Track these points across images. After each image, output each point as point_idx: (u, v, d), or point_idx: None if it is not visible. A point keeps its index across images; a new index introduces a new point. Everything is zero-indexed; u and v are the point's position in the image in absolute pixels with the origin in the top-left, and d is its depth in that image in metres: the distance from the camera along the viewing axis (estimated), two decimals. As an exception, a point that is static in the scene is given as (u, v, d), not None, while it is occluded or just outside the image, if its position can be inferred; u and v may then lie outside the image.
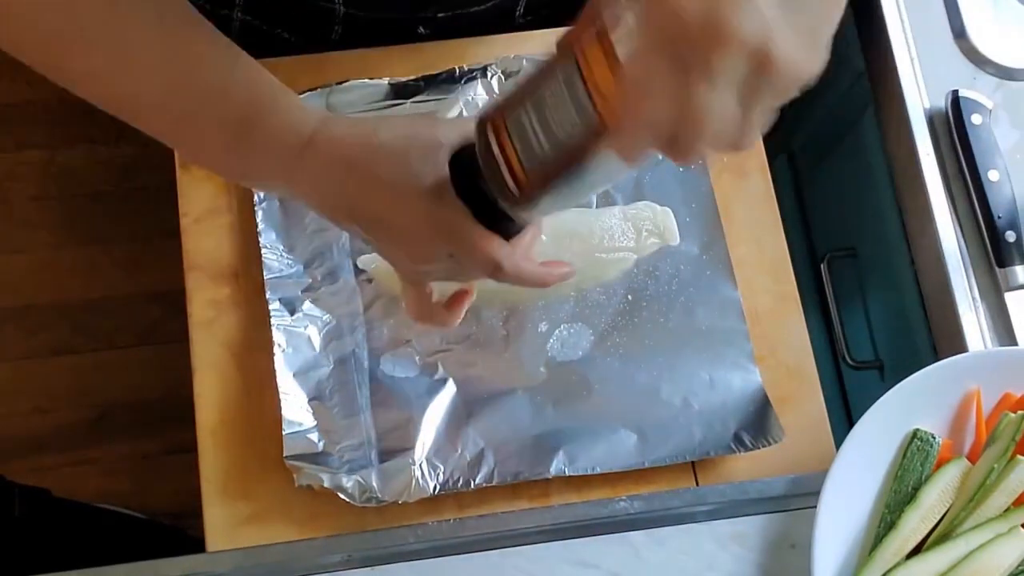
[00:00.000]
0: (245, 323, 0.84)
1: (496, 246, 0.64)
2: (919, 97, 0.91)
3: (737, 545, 0.78)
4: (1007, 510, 0.74)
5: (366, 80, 0.89)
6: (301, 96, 0.87)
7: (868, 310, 1.08)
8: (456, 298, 0.72)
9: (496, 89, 0.90)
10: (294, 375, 0.81)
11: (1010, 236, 0.86)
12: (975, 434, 0.78)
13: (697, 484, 0.81)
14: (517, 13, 0.95)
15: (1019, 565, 0.74)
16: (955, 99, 0.89)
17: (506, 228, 0.63)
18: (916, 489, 0.75)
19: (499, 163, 0.57)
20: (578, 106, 0.52)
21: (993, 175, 0.87)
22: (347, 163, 0.64)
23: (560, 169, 0.55)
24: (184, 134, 0.66)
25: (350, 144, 0.64)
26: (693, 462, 0.82)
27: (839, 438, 0.77)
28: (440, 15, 0.91)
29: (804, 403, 0.84)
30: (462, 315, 0.73)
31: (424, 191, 0.64)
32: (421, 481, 0.78)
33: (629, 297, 0.85)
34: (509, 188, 0.57)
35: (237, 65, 0.65)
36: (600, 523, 0.78)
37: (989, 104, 0.90)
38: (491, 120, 0.57)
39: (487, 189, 0.59)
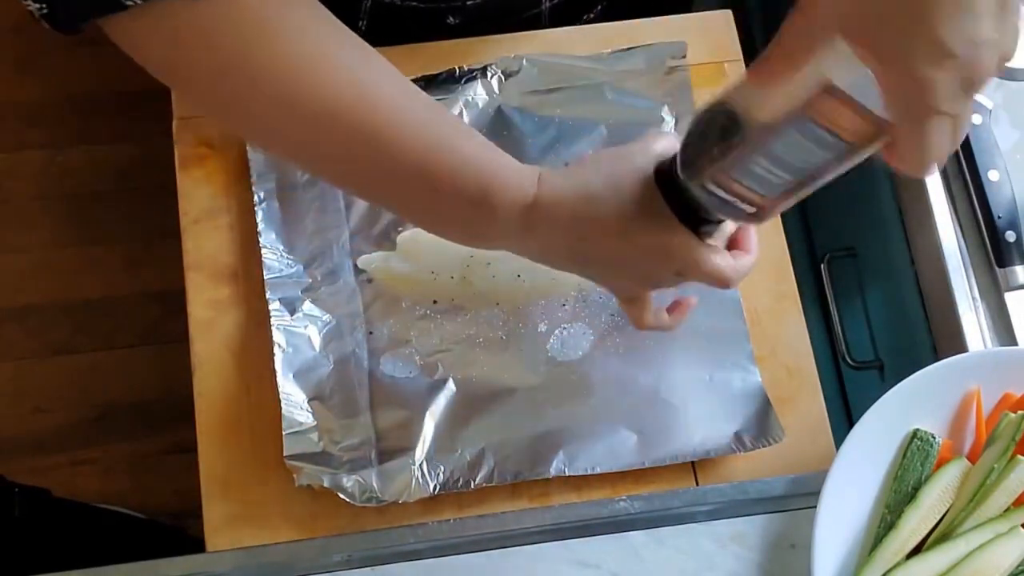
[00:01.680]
0: (245, 323, 0.84)
1: (719, 261, 0.70)
2: (919, 97, 0.91)
3: (737, 545, 0.78)
4: (1007, 510, 0.74)
5: (366, 80, 0.89)
6: None
7: (868, 310, 1.08)
8: (679, 305, 0.78)
9: (496, 89, 0.90)
10: (294, 375, 0.81)
11: (1010, 236, 0.86)
12: (975, 434, 0.78)
13: (697, 484, 0.81)
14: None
15: (1019, 565, 0.73)
16: (955, 99, 0.89)
17: (717, 226, 0.70)
18: (916, 489, 0.75)
19: (734, 202, 0.64)
20: (824, 145, 0.57)
21: (993, 175, 0.87)
22: (570, 216, 0.68)
23: (801, 188, 0.62)
24: (429, 209, 0.69)
25: (570, 198, 0.68)
26: (693, 462, 0.82)
27: (839, 438, 0.77)
28: (469, 2, 0.91)
29: (804, 403, 0.84)
30: (686, 318, 0.79)
31: (644, 218, 0.68)
32: (421, 481, 0.78)
33: (629, 297, 0.85)
34: (747, 213, 0.65)
35: (466, 137, 0.67)
36: (600, 523, 0.78)
37: (989, 104, 0.90)
38: (711, 176, 0.63)
39: (703, 209, 0.66)
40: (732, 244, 0.73)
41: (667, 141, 0.70)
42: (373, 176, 0.67)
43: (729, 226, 0.72)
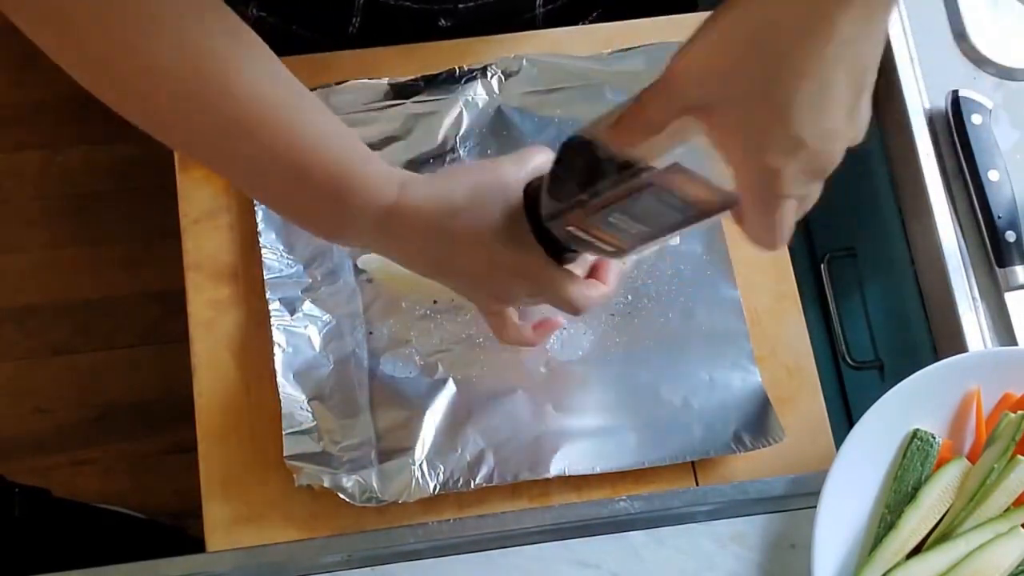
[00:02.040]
0: (245, 323, 0.84)
1: (572, 291, 0.70)
2: (919, 97, 0.91)
3: (737, 545, 0.78)
4: (1007, 510, 0.74)
5: (366, 80, 0.89)
6: None
7: (868, 310, 1.08)
8: (544, 323, 0.78)
9: (496, 89, 0.90)
10: (294, 375, 0.81)
11: (1010, 236, 0.86)
12: (975, 434, 0.78)
13: (697, 484, 0.81)
14: (537, 2, 0.95)
15: (1019, 565, 0.74)
16: (955, 99, 0.89)
17: (577, 254, 0.70)
18: (916, 489, 0.75)
19: (593, 242, 0.65)
20: (677, 209, 0.59)
21: (993, 175, 0.87)
22: (429, 226, 0.67)
23: (660, 238, 0.64)
24: (285, 198, 0.68)
25: (430, 209, 0.67)
26: (693, 462, 0.82)
27: (839, 438, 0.77)
28: (461, 5, 0.91)
29: (804, 403, 0.84)
30: (550, 336, 0.80)
31: (504, 237, 0.67)
32: (421, 481, 0.78)
33: (629, 297, 0.85)
34: (607, 252, 0.67)
35: (337, 136, 0.66)
36: (600, 523, 0.78)
37: (989, 104, 0.90)
38: (569, 221, 0.64)
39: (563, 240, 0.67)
40: (592, 272, 0.73)
41: (544, 157, 0.69)
42: (234, 155, 0.65)
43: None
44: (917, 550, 0.74)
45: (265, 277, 0.84)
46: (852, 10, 0.50)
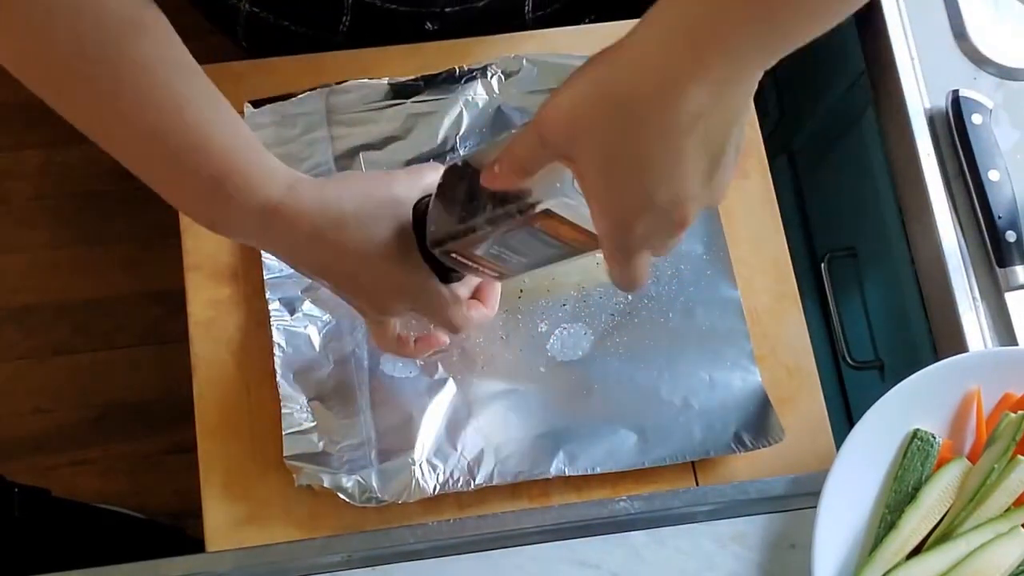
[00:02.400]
0: (245, 323, 0.84)
1: (452, 313, 0.72)
2: (919, 97, 0.91)
3: (737, 545, 0.78)
4: (1007, 510, 0.74)
5: (366, 80, 0.89)
6: (300, 97, 0.88)
7: (868, 310, 1.08)
8: (426, 339, 0.78)
9: (496, 89, 0.90)
10: (294, 375, 0.81)
11: (1010, 236, 0.86)
12: (975, 434, 0.78)
13: (697, 484, 0.81)
14: (526, 9, 0.95)
15: (1019, 565, 0.74)
16: (955, 99, 0.89)
17: (463, 275, 0.72)
18: (916, 489, 0.75)
19: (475, 267, 0.68)
20: (551, 246, 0.63)
21: (993, 175, 0.87)
22: (313, 232, 0.67)
23: (539, 267, 0.69)
24: (165, 181, 0.67)
25: (314, 213, 0.66)
26: (693, 462, 0.82)
27: (839, 438, 0.77)
28: (448, 10, 0.91)
29: (804, 403, 0.84)
30: (429, 352, 0.79)
31: (388, 254, 0.68)
32: (421, 481, 0.78)
33: (629, 297, 0.85)
34: (490, 275, 0.70)
35: (219, 115, 0.65)
36: (600, 523, 0.78)
37: (989, 104, 0.90)
38: (450, 249, 0.66)
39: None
40: (475, 293, 0.75)
41: (437, 176, 0.69)
42: (115, 130, 0.64)
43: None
44: (917, 550, 0.74)
45: (265, 277, 0.84)
46: (705, 86, 0.51)
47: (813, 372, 0.85)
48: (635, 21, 0.53)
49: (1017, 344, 0.84)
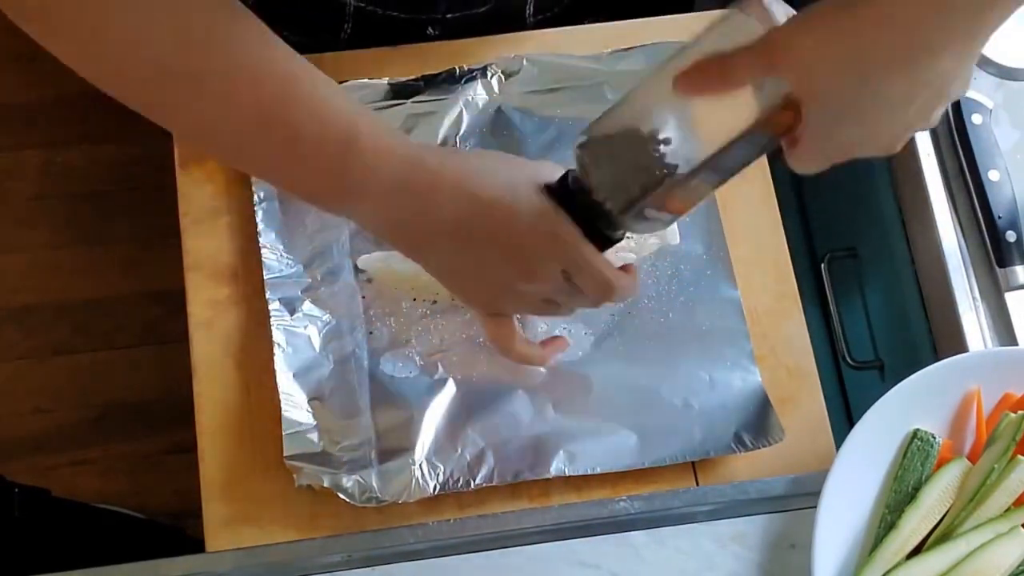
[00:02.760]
0: (245, 323, 0.84)
1: (610, 267, 0.68)
2: (919, 97, 0.91)
3: (737, 545, 0.78)
4: (1007, 510, 0.74)
5: (366, 80, 0.89)
6: None
7: (868, 310, 1.08)
8: (555, 339, 0.78)
9: (496, 89, 0.90)
10: (294, 375, 0.81)
11: (1010, 236, 0.86)
12: (975, 434, 0.78)
13: (697, 484, 0.81)
14: (527, 13, 0.95)
15: (1020, 565, 0.73)
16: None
17: (613, 245, 0.70)
18: (916, 489, 0.75)
19: (660, 217, 0.68)
20: (760, 145, 0.64)
21: (993, 175, 0.87)
22: (458, 182, 0.64)
23: (720, 185, 0.68)
24: (282, 161, 0.65)
25: (456, 168, 0.64)
26: (693, 462, 0.82)
27: (839, 438, 0.77)
28: (449, 16, 0.91)
29: (804, 403, 0.84)
30: (557, 355, 0.79)
31: (542, 207, 0.65)
32: (421, 481, 0.78)
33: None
34: (663, 222, 0.69)
35: (328, 83, 0.64)
36: (600, 523, 0.78)
37: (989, 104, 0.90)
38: (651, 202, 0.65)
39: (600, 212, 0.66)
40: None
41: (550, 171, 0.68)
42: (224, 119, 0.62)
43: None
44: (917, 550, 0.74)
45: (265, 277, 0.84)
46: (950, 58, 0.55)
47: (813, 372, 0.85)
48: (635, 21, 0.53)
49: (1017, 344, 0.84)
